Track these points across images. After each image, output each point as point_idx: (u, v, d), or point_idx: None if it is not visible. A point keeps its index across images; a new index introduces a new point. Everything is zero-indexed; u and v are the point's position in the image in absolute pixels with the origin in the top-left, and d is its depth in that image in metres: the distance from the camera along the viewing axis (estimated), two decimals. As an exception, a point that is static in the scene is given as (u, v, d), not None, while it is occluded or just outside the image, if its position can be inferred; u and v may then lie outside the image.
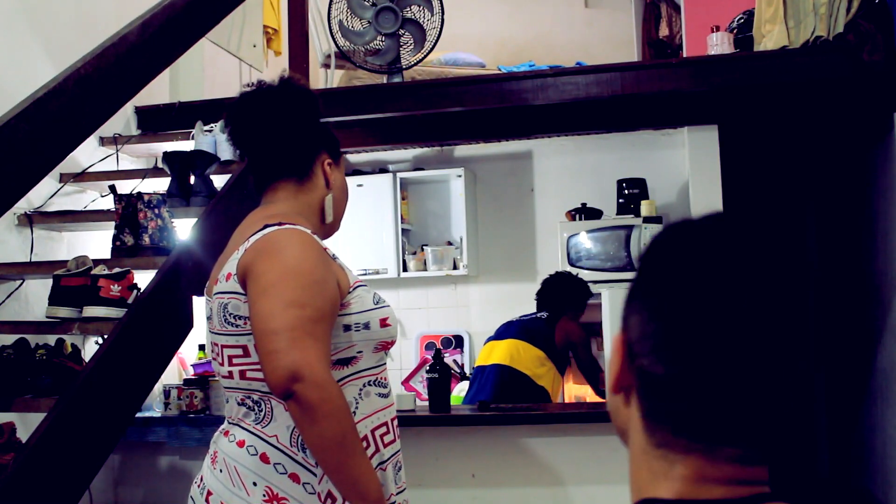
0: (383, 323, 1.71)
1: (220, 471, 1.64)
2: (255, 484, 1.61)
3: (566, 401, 4.51)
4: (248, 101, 1.80)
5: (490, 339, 4.13)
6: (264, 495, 1.59)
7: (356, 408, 1.67)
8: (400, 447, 1.79)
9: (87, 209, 3.39)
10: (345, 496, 1.56)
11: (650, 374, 0.72)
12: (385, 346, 1.75)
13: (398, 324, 1.80)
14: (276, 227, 1.65)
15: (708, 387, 0.70)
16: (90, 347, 3.07)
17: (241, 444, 1.64)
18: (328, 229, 1.86)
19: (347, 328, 1.67)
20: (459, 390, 4.23)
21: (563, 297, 4.14)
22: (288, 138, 1.79)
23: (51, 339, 2.72)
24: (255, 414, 1.64)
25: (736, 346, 0.69)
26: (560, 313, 4.10)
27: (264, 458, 1.61)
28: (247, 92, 1.81)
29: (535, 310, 4.18)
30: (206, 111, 3.48)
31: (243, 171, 2.94)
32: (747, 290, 0.70)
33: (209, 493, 1.64)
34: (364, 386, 1.70)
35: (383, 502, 1.58)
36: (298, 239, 1.64)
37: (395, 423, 1.78)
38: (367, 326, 1.68)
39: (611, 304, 4.15)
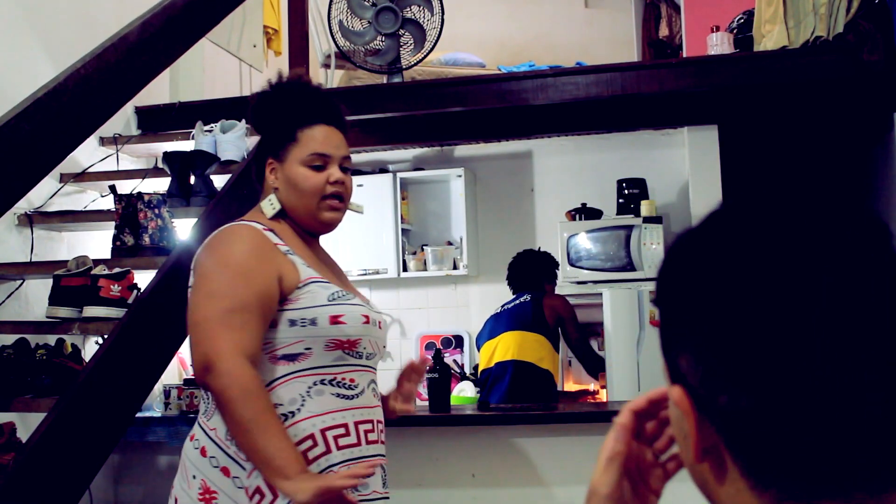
0: (334, 320, 1.66)
1: (180, 465, 1.71)
2: (194, 477, 1.65)
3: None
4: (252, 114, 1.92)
5: (484, 339, 4.12)
6: (199, 489, 1.63)
7: (301, 405, 1.64)
8: (374, 453, 1.71)
9: (87, 209, 3.39)
10: (266, 477, 1.56)
11: (733, 415, 0.55)
12: (340, 346, 1.68)
13: (370, 325, 1.72)
14: (228, 225, 1.73)
15: (809, 408, 0.52)
16: (90, 347, 3.07)
17: (191, 437, 1.70)
18: (308, 224, 1.80)
19: (293, 323, 1.65)
20: (459, 390, 4.23)
21: (536, 272, 4.14)
22: (247, 166, 1.87)
23: (51, 339, 2.72)
24: (204, 406, 1.70)
25: (826, 350, 0.52)
26: (541, 290, 4.09)
27: (203, 452, 1.65)
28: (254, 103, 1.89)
29: (512, 296, 4.17)
30: (206, 111, 3.48)
31: (243, 170, 2.94)
32: (821, 278, 0.54)
33: (172, 487, 1.71)
34: (315, 384, 1.66)
35: (306, 475, 1.55)
36: (237, 233, 1.70)
37: (368, 426, 1.70)
38: (313, 322, 1.65)
39: (611, 303, 4.15)
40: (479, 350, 4.21)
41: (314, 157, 1.77)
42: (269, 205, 1.77)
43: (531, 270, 4.14)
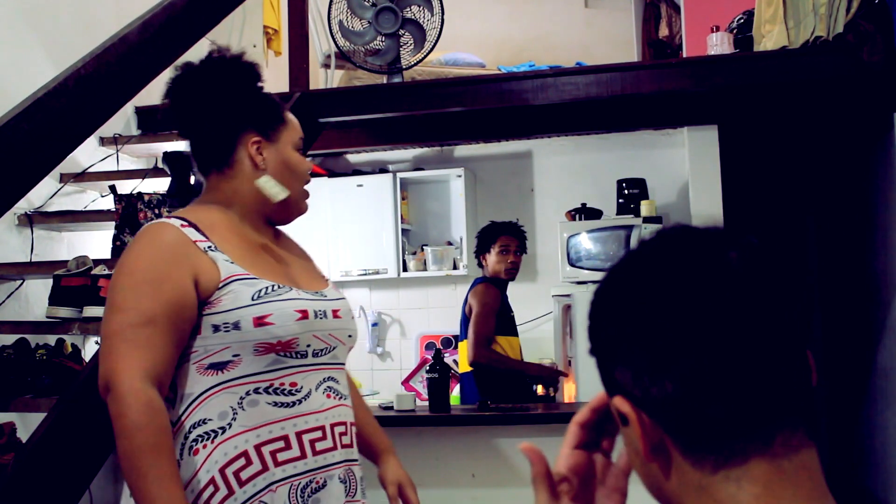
0: (259, 322, 1.48)
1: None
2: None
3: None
4: (169, 93, 1.65)
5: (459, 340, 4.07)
6: None
7: (233, 419, 1.47)
8: (326, 464, 1.54)
9: (87, 209, 3.39)
10: None
11: (666, 401, 0.68)
12: (272, 349, 1.50)
13: (307, 320, 1.54)
14: (144, 225, 1.57)
15: (729, 371, 0.66)
16: (90, 347, 3.07)
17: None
18: (281, 210, 1.66)
19: (216, 328, 1.48)
20: (459, 390, 4.23)
21: (477, 249, 4.02)
22: (199, 128, 1.63)
23: (51, 339, 2.72)
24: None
25: (716, 330, 0.67)
26: (479, 267, 3.99)
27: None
28: (168, 82, 1.65)
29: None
30: (206, 111, 3.47)
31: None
32: (687, 279, 0.69)
33: None
34: (248, 394, 1.49)
35: None
36: (146, 235, 1.52)
37: (317, 434, 1.53)
38: (237, 326, 1.48)
39: (583, 305, 4.17)
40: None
41: (300, 142, 1.68)
42: (275, 188, 1.62)
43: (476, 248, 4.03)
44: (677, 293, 0.69)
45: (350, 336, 1.67)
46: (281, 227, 1.76)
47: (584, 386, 4.15)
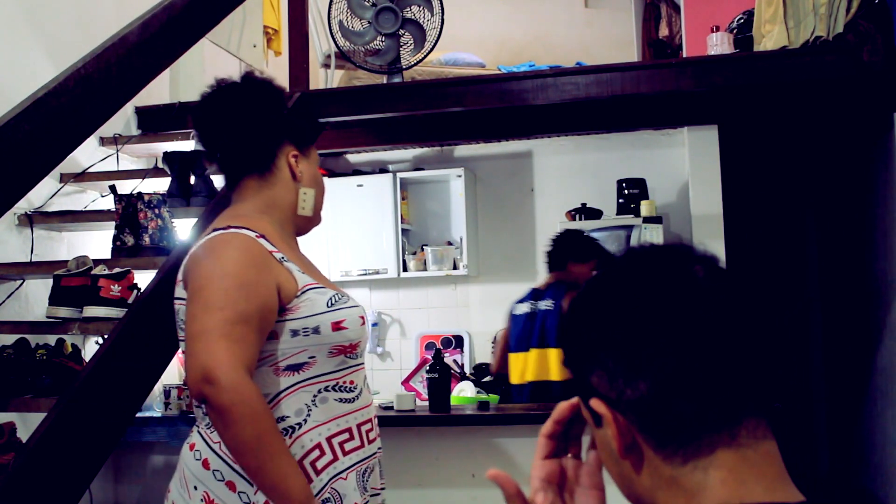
0: (336, 326, 1.65)
1: (178, 472, 1.68)
2: (195, 488, 1.62)
3: None
4: (207, 102, 1.82)
5: (511, 350, 3.86)
6: (202, 500, 1.60)
7: (308, 415, 1.63)
8: (374, 451, 1.74)
9: (87, 209, 3.39)
10: (269, 498, 1.53)
11: (640, 401, 0.74)
12: (343, 351, 1.68)
13: (365, 324, 1.74)
14: (219, 232, 1.66)
15: (697, 371, 0.72)
16: (90, 347, 3.07)
17: (191, 447, 1.66)
18: (305, 223, 1.85)
19: (295, 333, 1.62)
20: (459, 390, 4.23)
21: (561, 252, 3.86)
22: (245, 133, 1.77)
23: (51, 339, 2.72)
24: (207, 418, 1.62)
25: (694, 326, 0.73)
26: (564, 271, 3.83)
27: (205, 464, 1.62)
28: (207, 92, 1.83)
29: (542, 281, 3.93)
30: (206, 111, 3.47)
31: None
32: (654, 285, 0.77)
33: (168, 492, 1.69)
34: (319, 392, 1.65)
35: (311, 502, 1.54)
36: (233, 243, 1.63)
37: (368, 426, 1.72)
38: (316, 331, 1.63)
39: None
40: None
41: (319, 161, 1.88)
42: (308, 203, 1.81)
43: (557, 251, 3.87)
44: (649, 302, 0.75)
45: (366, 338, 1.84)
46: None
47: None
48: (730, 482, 0.72)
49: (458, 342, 4.97)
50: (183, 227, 2.97)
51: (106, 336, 2.50)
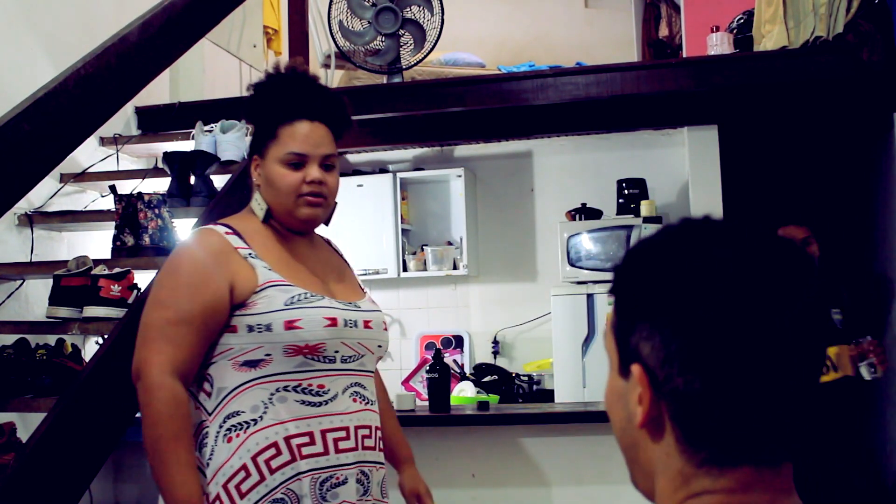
0: (289, 325, 1.61)
1: None
2: None
3: None
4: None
5: None
6: None
7: (264, 412, 1.61)
8: (346, 462, 1.65)
9: (87, 209, 3.39)
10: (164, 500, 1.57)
11: (686, 395, 0.69)
12: (299, 351, 1.63)
13: (336, 327, 1.66)
14: (193, 230, 1.76)
15: (751, 393, 0.68)
16: (90, 347, 3.07)
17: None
18: (288, 221, 1.77)
19: (251, 329, 1.63)
20: (459, 390, 4.23)
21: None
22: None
23: (51, 339, 2.72)
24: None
25: (771, 347, 0.68)
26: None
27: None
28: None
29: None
30: (206, 111, 3.47)
31: (243, 170, 2.94)
32: (770, 286, 0.69)
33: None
34: (278, 391, 1.62)
35: None
36: (193, 241, 1.71)
37: (340, 434, 1.65)
38: (268, 328, 1.62)
39: (561, 307, 4.25)
40: None
41: (291, 156, 1.72)
42: (258, 205, 1.76)
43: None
44: (739, 296, 0.68)
45: (380, 346, 1.79)
46: (325, 237, 1.94)
47: (591, 385, 4.16)
48: (738, 492, 0.70)
49: (458, 342, 4.97)
50: (183, 227, 2.97)
51: (106, 336, 2.50)
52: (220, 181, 3.15)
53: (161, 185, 3.20)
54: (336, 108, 1.81)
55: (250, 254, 1.67)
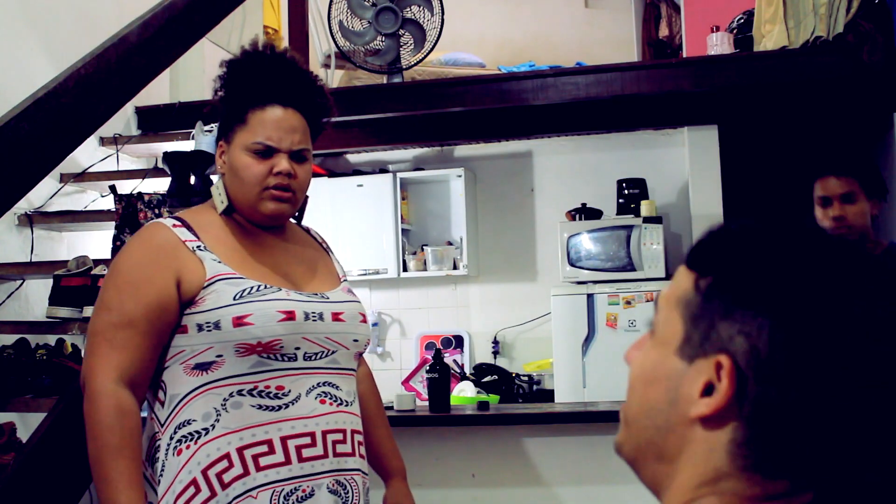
0: (237, 322, 1.46)
1: None
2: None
3: None
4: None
5: None
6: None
7: (216, 421, 1.46)
8: (313, 472, 1.48)
9: (87, 209, 3.39)
10: None
11: (779, 408, 0.60)
12: (252, 350, 1.47)
13: (294, 321, 1.50)
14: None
15: (871, 440, 0.60)
16: (90, 347, 3.07)
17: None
18: (251, 214, 1.60)
19: (200, 328, 1.48)
20: (459, 390, 4.23)
21: None
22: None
23: (51, 339, 2.72)
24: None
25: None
26: None
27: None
28: None
29: None
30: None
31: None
32: None
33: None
34: (231, 395, 1.47)
35: None
36: (138, 237, 1.57)
37: (304, 441, 1.48)
38: (217, 326, 1.47)
39: (560, 307, 4.26)
40: None
41: (258, 145, 1.56)
42: (218, 197, 1.60)
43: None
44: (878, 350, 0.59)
45: (356, 341, 1.61)
46: (305, 225, 1.77)
47: (591, 386, 4.16)
48: (762, 502, 0.64)
49: (458, 342, 4.97)
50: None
51: (106, 336, 2.49)
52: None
53: (161, 185, 3.20)
54: (314, 95, 1.64)
55: (199, 246, 1.52)
